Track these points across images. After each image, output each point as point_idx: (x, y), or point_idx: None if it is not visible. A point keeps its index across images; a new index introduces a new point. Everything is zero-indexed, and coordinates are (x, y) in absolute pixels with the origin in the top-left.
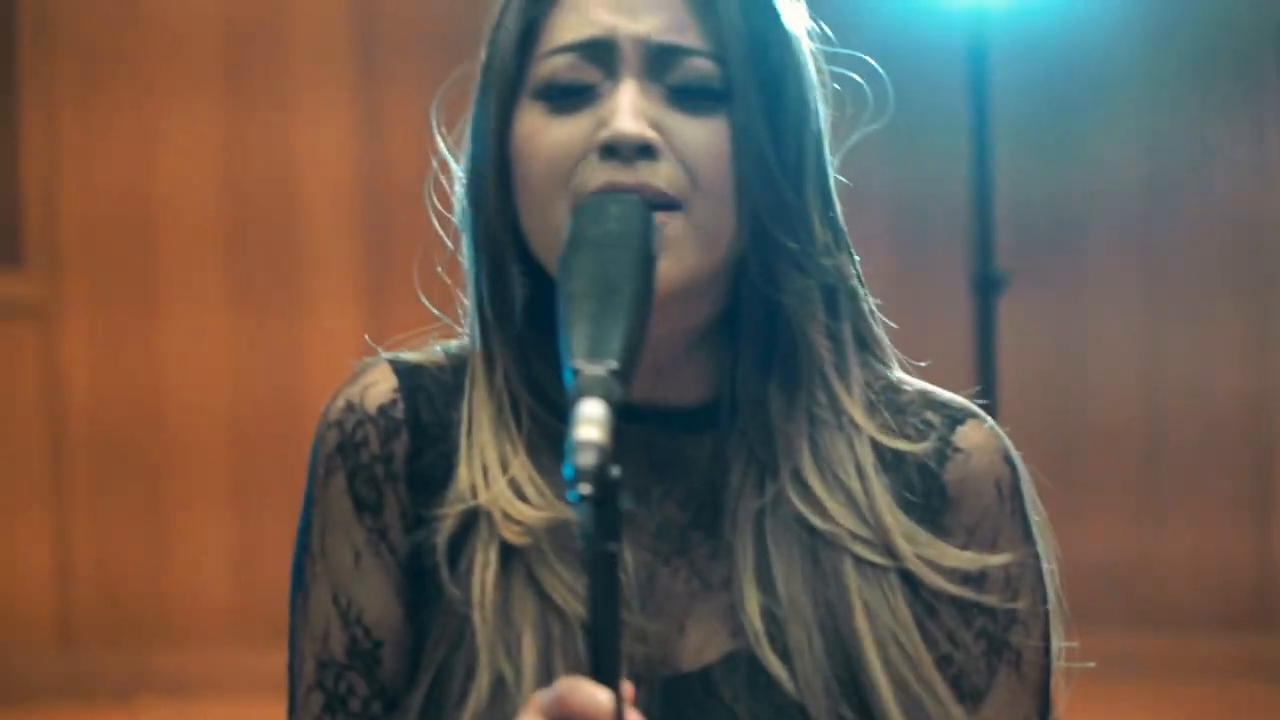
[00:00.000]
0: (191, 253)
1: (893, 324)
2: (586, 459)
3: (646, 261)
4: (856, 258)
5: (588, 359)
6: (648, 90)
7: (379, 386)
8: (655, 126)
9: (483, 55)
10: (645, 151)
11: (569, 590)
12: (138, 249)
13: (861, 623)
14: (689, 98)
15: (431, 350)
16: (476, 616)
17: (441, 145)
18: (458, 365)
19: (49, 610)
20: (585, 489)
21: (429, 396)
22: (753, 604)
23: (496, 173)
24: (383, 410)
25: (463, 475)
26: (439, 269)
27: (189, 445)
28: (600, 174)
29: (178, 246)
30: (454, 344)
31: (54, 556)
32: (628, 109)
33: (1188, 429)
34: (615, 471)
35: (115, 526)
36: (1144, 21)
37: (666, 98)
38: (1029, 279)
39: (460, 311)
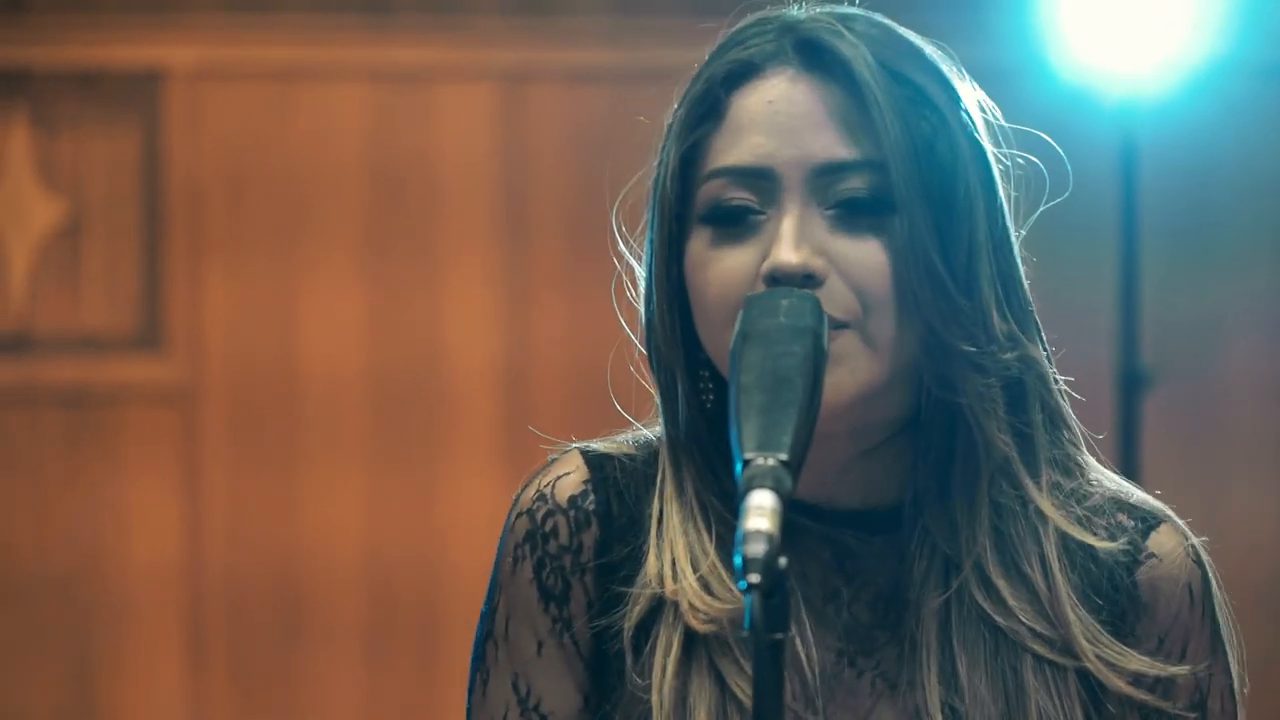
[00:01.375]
0: (335, 414)
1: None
2: (755, 549)
3: (817, 355)
4: (1043, 337)
5: (758, 450)
6: (810, 215)
7: (570, 477)
8: (820, 252)
9: (650, 180)
10: (810, 280)
11: (749, 682)
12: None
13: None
14: (853, 216)
15: (622, 440)
16: (655, 699)
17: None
18: (648, 456)
19: None
20: (754, 578)
21: (619, 488)
22: (935, 699)
23: (667, 296)
24: (573, 501)
25: (651, 565)
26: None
27: (325, 603)
28: None
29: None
30: (644, 434)
31: None
32: (790, 239)
33: None
34: (783, 562)
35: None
36: None
37: (829, 219)
38: (1172, 378)
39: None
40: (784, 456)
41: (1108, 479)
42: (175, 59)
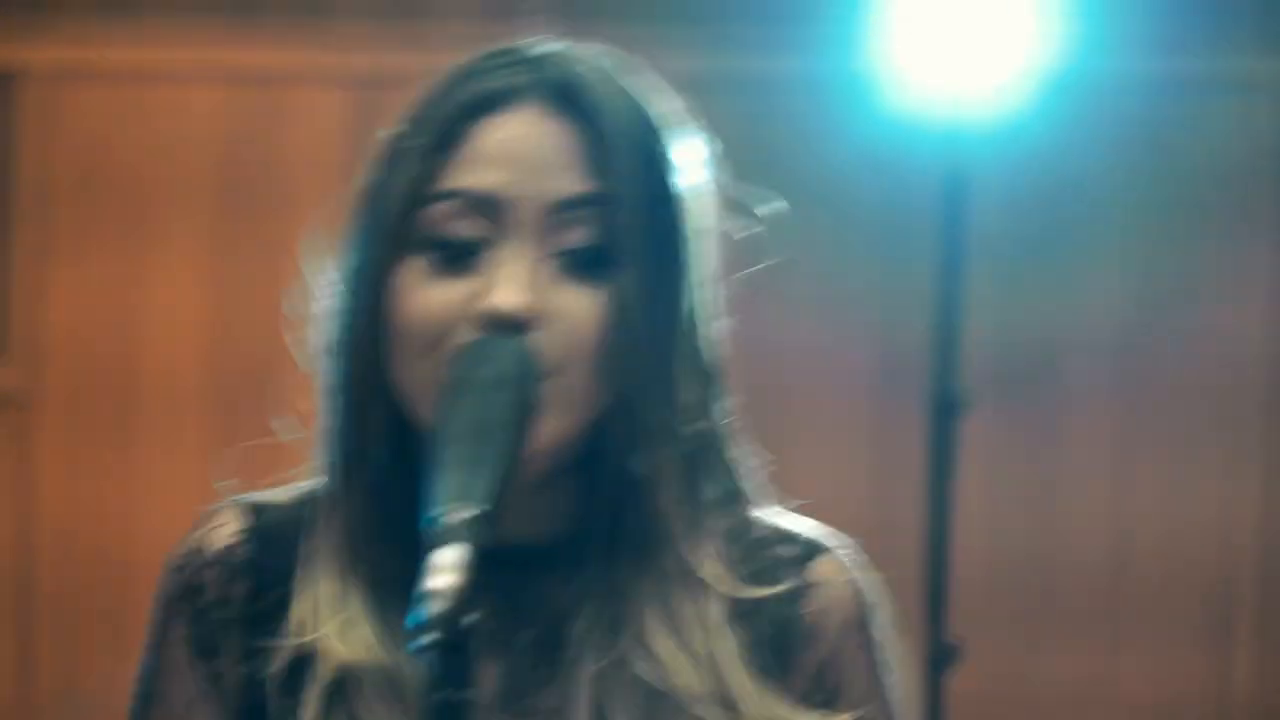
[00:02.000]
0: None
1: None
2: (434, 608)
3: (524, 407)
4: (728, 407)
5: (454, 503)
6: (534, 259)
7: (223, 529)
8: (538, 298)
9: (365, 198)
10: (522, 327)
11: None
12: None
13: None
14: (575, 266)
15: (285, 488)
16: None
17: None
18: (302, 505)
19: None
20: (430, 638)
21: (273, 537)
22: None
23: (369, 321)
24: (225, 552)
25: (295, 611)
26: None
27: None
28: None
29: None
30: (306, 483)
31: None
32: (511, 282)
33: (1153, 562)
34: (469, 619)
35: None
36: (1131, 148)
37: (553, 267)
38: (1001, 407)
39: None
40: (483, 509)
41: (784, 522)
42: (32, 59)
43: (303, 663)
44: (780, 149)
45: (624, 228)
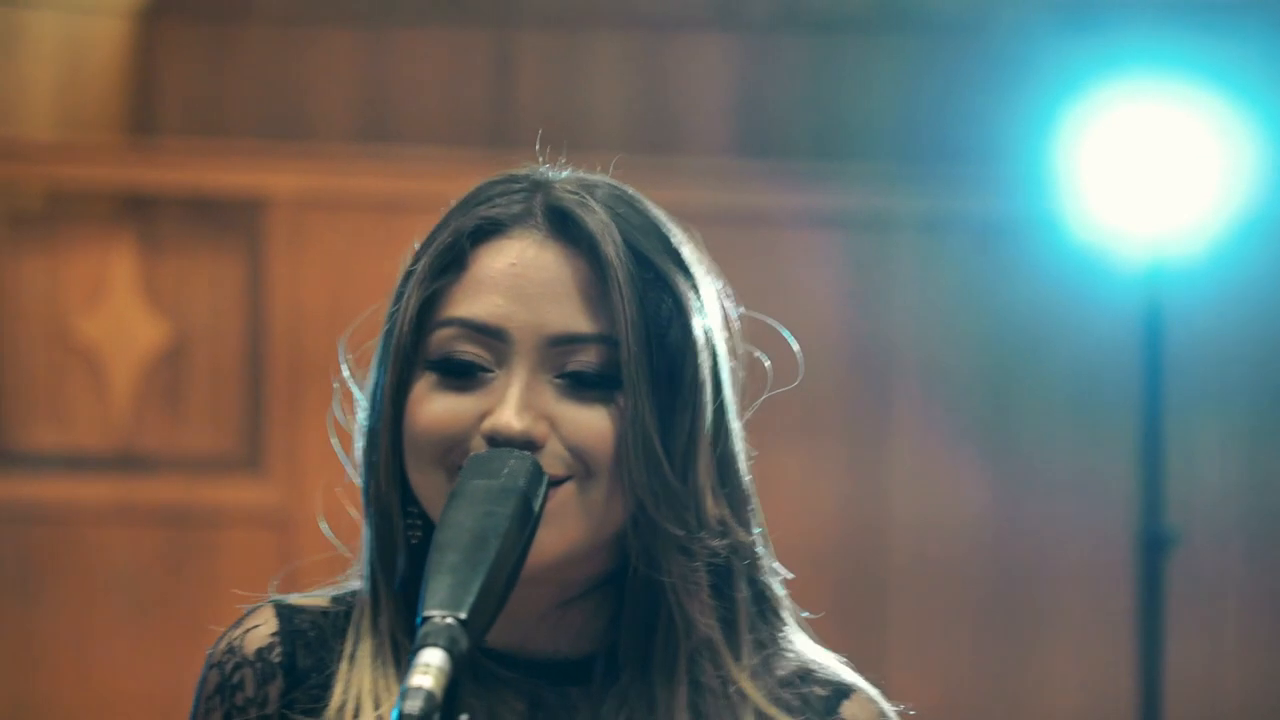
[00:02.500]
0: None
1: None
2: (412, 706)
3: (524, 516)
4: (759, 527)
5: (439, 608)
6: (537, 381)
7: (259, 630)
8: (543, 416)
9: (385, 319)
10: (529, 445)
11: None
12: None
13: None
14: (580, 386)
15: (321, 593)
16: None
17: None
18: (344, 609)
19: None
20: None
21: (307, 640)
22: None
23: (390, 432)
24: (260, 654)
25: (335, 700)
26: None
27: None
28: None
29: None
30: (347, 586)
31: None
32: (514, 404)
33: None
34: (464, 718)
35: None
36: None
37: (557, 387)
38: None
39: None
40: (463, 615)
41: (809, 654)
42: (280, 186)
43: None
44: (981, 290)
45: (625, 359)
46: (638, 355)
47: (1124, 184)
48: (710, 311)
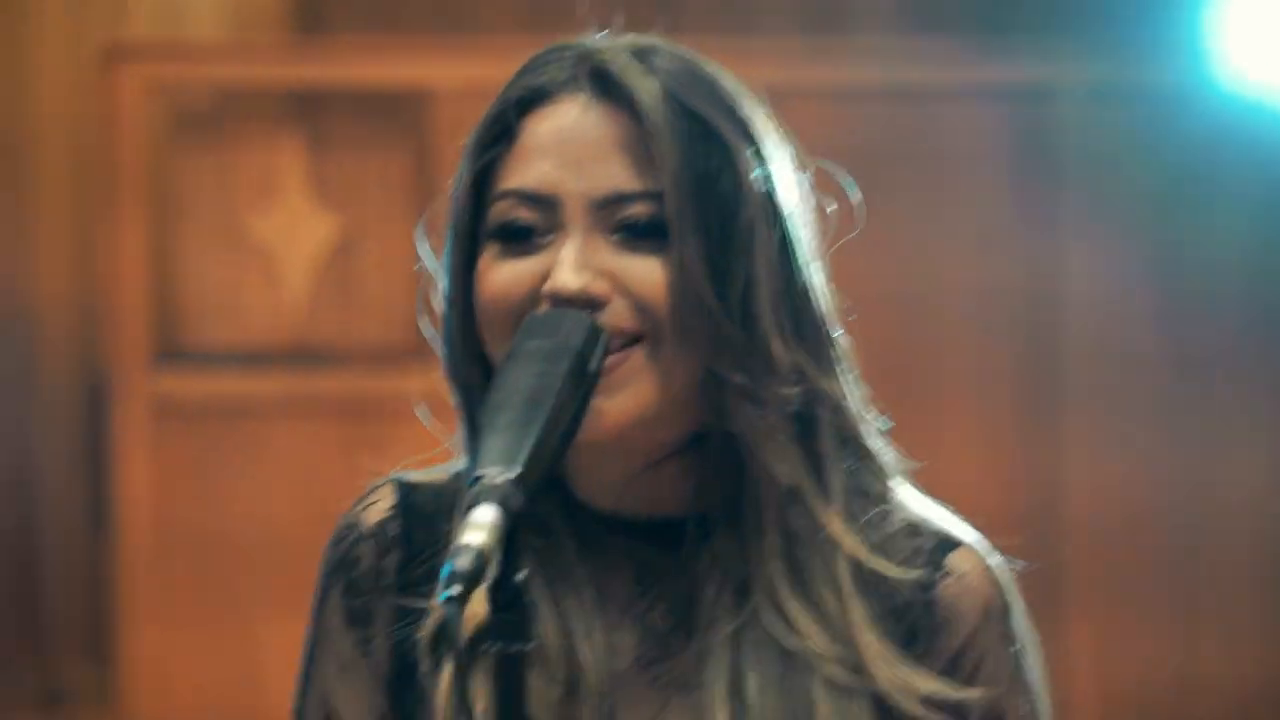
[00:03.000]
0: None
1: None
2: (463, 563)
3: (579, 375)
4: (844, 371)
5: (491, 466)
6: (593, 237)
7: (378, 505)
8: (602, 274)
9: (450, 197)
10: (591, 303)
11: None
12: None
13: None
14: (635, 238)
15: (443, 468)
16: (439, 700)
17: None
18: (458, 488)
19: None
20: (455, 590)
21: (426, 513)
22: (722, 717)
23: (461, 312)
24: (378, 527)
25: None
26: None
27: None
28: None
29: None
30: (463, 465)
31: None
32: (570, 263)
33: None
34: (520, 575)
35: None
36: None
37: (613, 241)
38: None
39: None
40: (515, 473)
41: (914, 506)
42: (446, 78)
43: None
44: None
45: (669, 209)
46: (682, 205)
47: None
48: (773, 164)
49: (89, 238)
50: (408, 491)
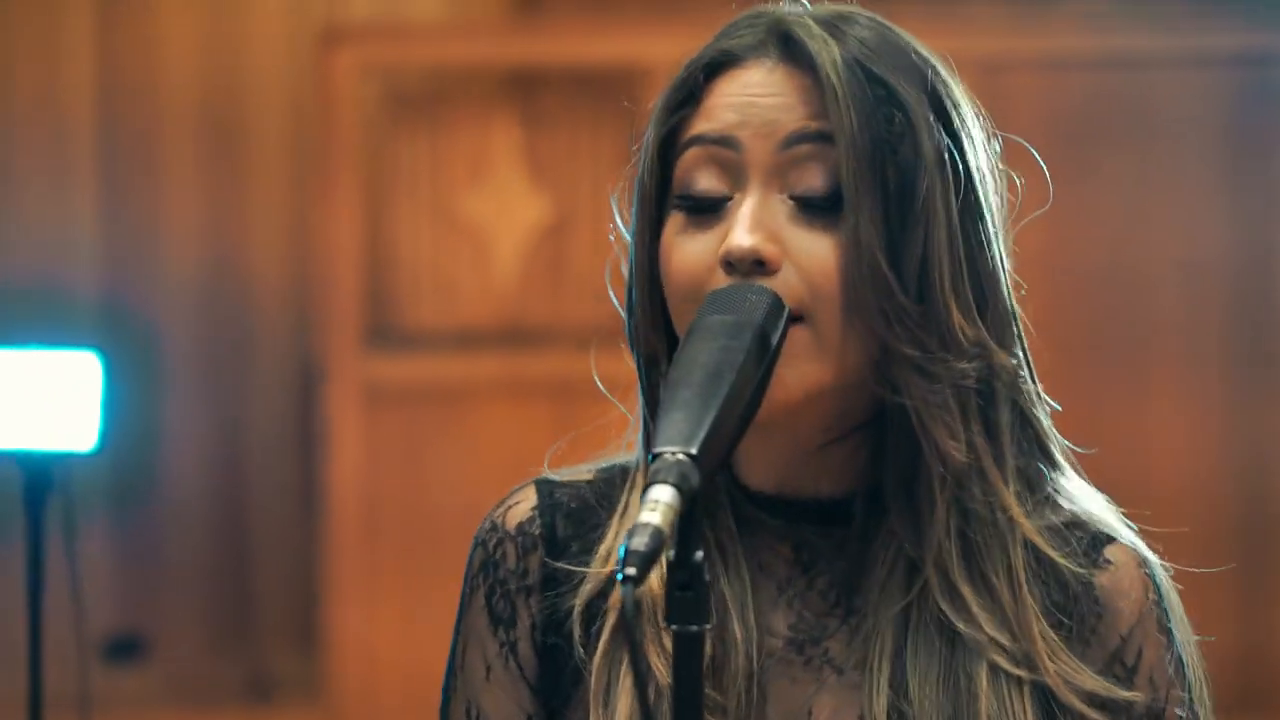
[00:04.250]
0: None
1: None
2: (639, 542)
3: (761, 351)
4: (1025, 347)
5: (669, 444)
6: (770, 200)
7: (520, 506)
8: (774, 238)
9: (634, 162)
10: (760, 265)
11: (667, 661)
12: None
13: None
14: (809, 211)
15: (583, 468)
16: (590, 678)
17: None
18: (605, 480)
19: None
20: (630, 571)
21: (568, 511)
22: (882, 702)
23: (647, 279)
24: (521, 527)
25: (604, 545)
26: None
27: None
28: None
29: None
30: (606, 461)
31: None
32: (746, 222)
33: None
34: (699, 556)
35: None
36: None
37: (789, 209)
38: None
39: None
40: (694, 451)
41: (1077, 495)
42: (660, 54)
43: (605, 596)
44: None
45: (845, 172)
46: (859, 170)
47: None
48: (960, 134)
49: (304, 219)
50: (549, 491)
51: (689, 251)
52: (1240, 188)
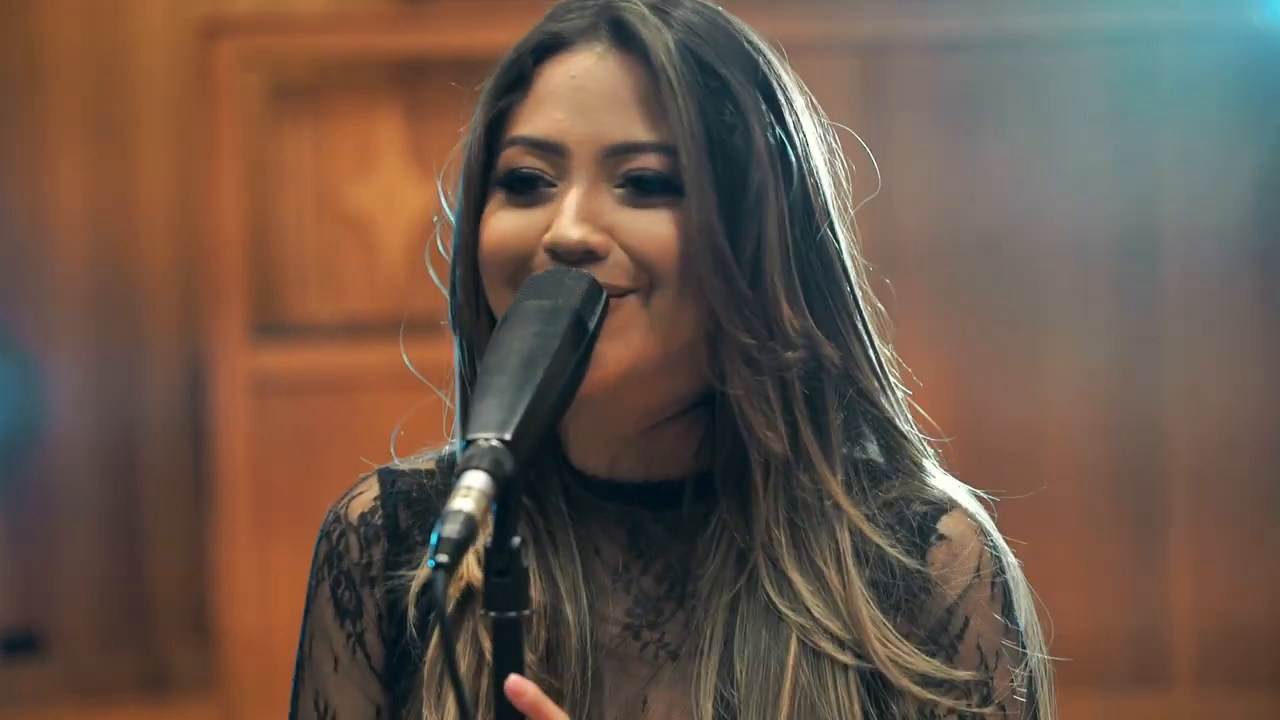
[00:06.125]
0: None
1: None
2: (450, 529)
3: (576, 338)
4: (862, 338)
5: (481, 430)
6: (597, 190)
7: (362, 497)
8: (602, 228)
9: (463, 144)
10: (589, 255)
11: None
12: None
13: (785, 712)
14: (640, 191)
15: (427, 455)
16: (424, 667)
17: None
18: (444, 468)
19: None
20: (441, 558)
21: (409, 500)
22: (709, 689)
23: (468, 255)
24: (363, 518)
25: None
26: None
27: None
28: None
29: None
30: (447, 448)
31: None
32: (571, 213)
33: None
34: (515, 541)
35: None
36: None
37: (617, 195)
38: None
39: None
40: (507, 437)
41: (920, 475)
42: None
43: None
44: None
45: (685, 164)
46: (697, 160)
47: None
48: (791, 123)
49: (190, 211)
50: (392, 480)
51: (507, 229)
52: (1125, 158)
